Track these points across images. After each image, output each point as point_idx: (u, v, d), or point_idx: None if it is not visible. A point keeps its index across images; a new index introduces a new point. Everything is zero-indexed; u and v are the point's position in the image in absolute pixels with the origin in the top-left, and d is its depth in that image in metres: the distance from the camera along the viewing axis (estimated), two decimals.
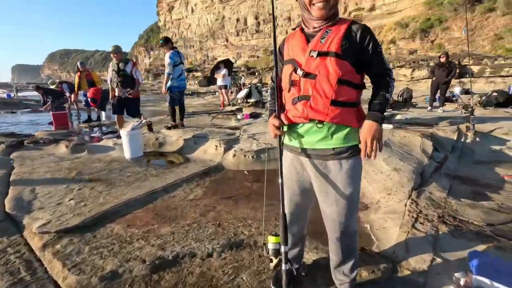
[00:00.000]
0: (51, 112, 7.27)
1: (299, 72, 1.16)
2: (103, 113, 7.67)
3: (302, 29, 1.25)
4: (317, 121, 1.16)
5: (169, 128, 4.92)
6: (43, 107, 8.67)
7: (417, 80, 17.40)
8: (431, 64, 16.85)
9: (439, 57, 7.12)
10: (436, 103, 7.60)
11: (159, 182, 2.94)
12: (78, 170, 3.29)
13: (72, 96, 8.31)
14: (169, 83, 4.82)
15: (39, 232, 1.99)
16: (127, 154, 3.88)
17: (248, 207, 2.43)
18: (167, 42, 4.90)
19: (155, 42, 66.11)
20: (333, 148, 1.18)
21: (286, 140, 1.33)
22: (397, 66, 19.61)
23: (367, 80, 1.26)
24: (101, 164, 3.56)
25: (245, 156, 3.59)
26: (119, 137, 4.31)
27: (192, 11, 49.35)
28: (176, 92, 4.95)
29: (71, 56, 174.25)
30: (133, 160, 3.78)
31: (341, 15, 1.24)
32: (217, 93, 20.78)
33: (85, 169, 3.33)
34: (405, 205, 2.26)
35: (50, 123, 7.14)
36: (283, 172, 1.28)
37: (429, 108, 7.24)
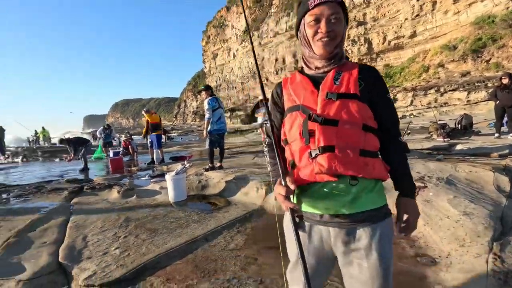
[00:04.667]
0: (108, 158, 8.00)
1: (317, 118, 0.94)
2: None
3: (300, 71, 1.10)
4: (349, 177, 0.92)
5: (206, 170, 5.00)
6: (68, 158, 8.46)
7: (475, 103, 15.84)
8: (489, 84, 15.32)
9: (501, 78, 6.40)
10: (504, 128, 6.69)
11: (200, 229, 2.89)
12: (126, 216, 3.42)
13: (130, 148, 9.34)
14: (209, 126, 5.00)
15: (84, 285, 2.01)
16: (171, 198, 3.97)
17: None
18: (207, 89, 5.20)
19: (201, 87, 71.88)
20: (365, 211, 0.94)
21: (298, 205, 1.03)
22: (449, 90, 18.22)
23: None
24: (147, 209, 3.67)
25: None
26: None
27: (234, 56, 53.25)
28: (215, 135, 5.09)
29: (130, 105, 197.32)
30: (177, 204, 3.84)
31: (379, 46, 1.09)
32: (259, 130, 21.30)
33: (132, 215, 3.44)
34: (487, 261, 1.85)
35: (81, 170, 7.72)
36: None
37: (497, 135, 6.37)
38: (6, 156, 13.02)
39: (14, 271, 2.27)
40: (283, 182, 0.94)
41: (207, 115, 4.95)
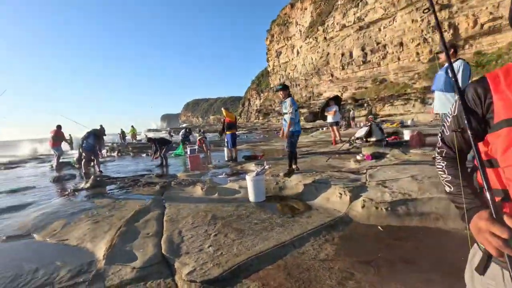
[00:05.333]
0: (187, 155, 8.69)
1: None
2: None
3: None
4: None
5: (286, 174, 4.88)
6: (153, 155, 9.44)
7: None
8: None
9: None
10: None
11: (285, 233, 2.86)
12: (212, 213, 3.61)
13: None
14: (291, 128, 4.86)
15: (187, 280, 2.16)
16: (251, 198, 4.06)
17: (397, 280, 1.99)
18: (285, 88, 5.05)
19: (265, 85, 73.02)
20: None
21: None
22: None
23: None
24: (230, 208, 3.82)
25: (376, 208, 3.14)
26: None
27: (297, 53, 52.63)
28: (296, 136, 4.99)
29: (200, 104, 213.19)
30: (257, 204, 3.90)
31: (468, 31, 0.79)
32: (324, 128, 20.57)
33: (217, 213, 3.61)
34: None
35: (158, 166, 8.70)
36: None
37: None
38: (106, 150, 15.37)
39: (129, 258, 2.59)
40: (496, 218, 0.70)
41: (291, 115, 4.75)
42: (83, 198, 5.06)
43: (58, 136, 9.94)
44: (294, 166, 5.09)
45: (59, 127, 9.98)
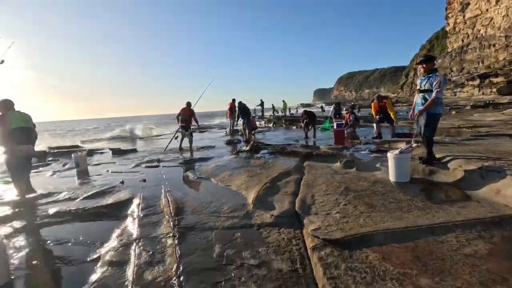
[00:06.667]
0: (333, 128, 8.79)
1: None
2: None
3: None
4: None
5: (425, 162, 4.06)
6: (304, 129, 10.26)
7: None
8: None
9: None
10: None
11: (424, 218, 2.58)
12: (346, 185, 3.68)
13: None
14: (436, 109, 3.93)
15: (312, 234, 2.46)
16: (392, 177, 3.79)
17: None
18: (431, 60, 4.00)
19: (439, 49, 59.39)
20: None
21: None
22: None
23: None
24: (365, 183, 3.75)
25: None
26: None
27: (497, 1, 38.76)
28: (439, 119, 4.02)
29: (354, 77, 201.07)
30: (398, 184, 3.61)
31: None
32: None
33: (351, 186, 3.65)
34: None
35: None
36: None
37: None
38: (264, 121, 17.82)
39: (269, 207, 3.18)
40: None
41: (438, 94, 3.77)
42: (244, 157, 6.31)
43: (232, 109, 12.46)
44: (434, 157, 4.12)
45: (233, 100, 12.46)
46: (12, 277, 2.24)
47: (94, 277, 2.17)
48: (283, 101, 26.46)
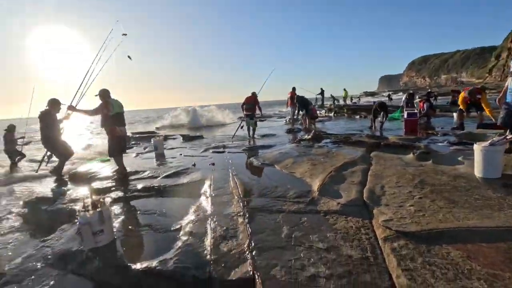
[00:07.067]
0: (403, 118, 8.09)
1: None
2: None
3: None
4: None
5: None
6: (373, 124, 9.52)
7: None
8: None
9: None
10: None
11: None
12: (421, 178, 3.42)
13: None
14: None
15: (383, 225, 2.38)
16: (478, 172, 3.37)
17: None
18: None
19: None
20: None
21: None
22: None
23: None
24: (444, 177, 3.41)
25: None
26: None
27: None
28: None
29: (428, 62, 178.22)
30: (486, 181, 3.20)
31: None
32: None
33: (427, 179, 3.37)
34: None
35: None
36: None
37: None
38: (324, 111, 17.29)
39: (335, 195, 3.15)
40: None
41: None
42: (305, 146, 6.29)
43: (292, 98, 12.38)
44: None
45: (293, 89, 12.38)
46: (115, 237, 2.71)
47: (178, 243, 2.49)
48: (344, 89, 25.06)
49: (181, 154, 6.65)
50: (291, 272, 1.91)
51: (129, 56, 5.84)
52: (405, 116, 8.18)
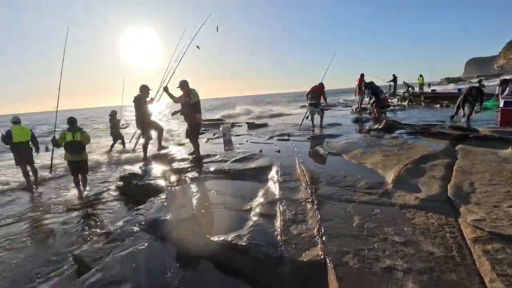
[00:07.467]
0: (499, 108, 6.89)
1: None
2: None
3: None
4: None
5: None
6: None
7: None
8: None
9: None
10: None
11: None
12: None
13: None
14: None
15: (473, 225, 2.13)
16: None
17: None
18: None
19: None
20: None
21: None
22: None
23: None
24: None
25: None
26: None
27: None
28: None
29: None
30: None
31: None
32: None
33: None
34: None
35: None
36: None
37: None
38: (397, 99, 15.81)
39: (413, 189, 2.93)
40: None
41: None
42: (375, 136, 5.91)
43: (360, 85, 11.63)
44: None
45: (362, 76, 11.61)
46: (194, 211, 3.03)
47: (249, 223, 2.66)
48: (420, 75, 22.19)
49: (247, 141, 6.94)
50: (365, 261, 1.88)
51: (197, 46, 6.24)
52: (501, 105, 6.94)
